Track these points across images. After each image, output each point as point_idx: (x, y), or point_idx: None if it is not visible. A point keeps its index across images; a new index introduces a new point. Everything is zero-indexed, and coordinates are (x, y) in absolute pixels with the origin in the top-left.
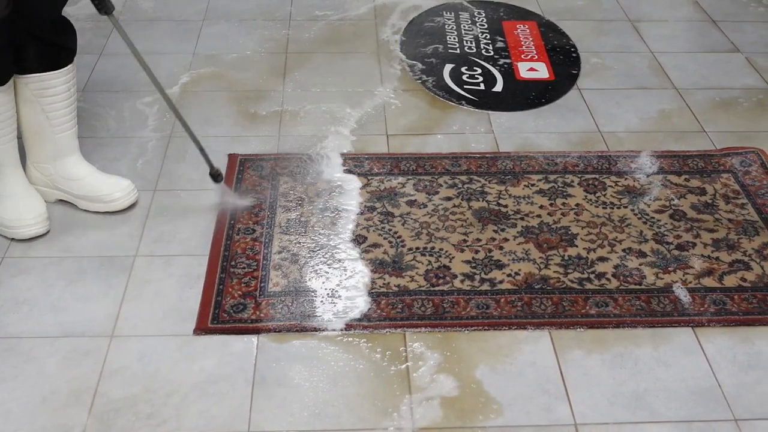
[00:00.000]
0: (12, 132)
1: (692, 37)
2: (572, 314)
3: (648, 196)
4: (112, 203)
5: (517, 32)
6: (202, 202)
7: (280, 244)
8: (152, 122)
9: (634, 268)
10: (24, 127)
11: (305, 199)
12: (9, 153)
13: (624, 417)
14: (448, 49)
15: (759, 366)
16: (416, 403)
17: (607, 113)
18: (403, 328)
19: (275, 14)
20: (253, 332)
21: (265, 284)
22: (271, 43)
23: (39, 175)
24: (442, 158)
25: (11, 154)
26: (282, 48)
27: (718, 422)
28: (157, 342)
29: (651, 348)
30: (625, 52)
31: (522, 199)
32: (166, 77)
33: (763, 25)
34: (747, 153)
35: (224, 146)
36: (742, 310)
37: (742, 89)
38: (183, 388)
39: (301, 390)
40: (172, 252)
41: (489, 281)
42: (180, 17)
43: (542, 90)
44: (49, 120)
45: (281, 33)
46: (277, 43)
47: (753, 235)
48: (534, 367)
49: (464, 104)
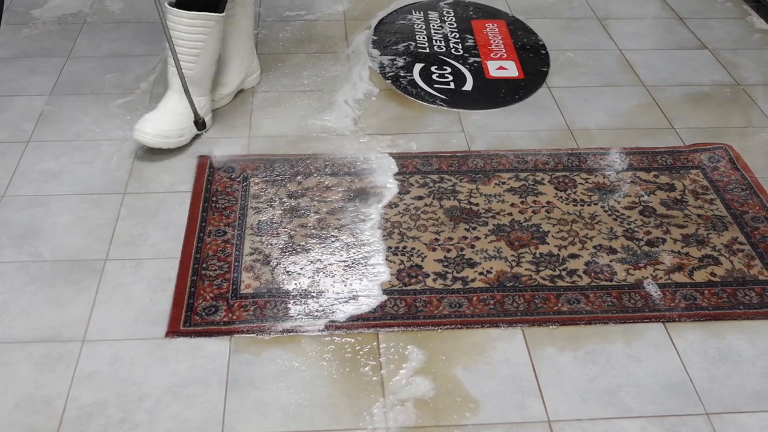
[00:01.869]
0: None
1: (660, 34)
2: (544, 311)
3: (618, 192)
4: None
5: (486, 31)
6: (172, 204)
7: (252, 245)
8: (121, 125)
9: (605, 264)
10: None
11: (276, 200)
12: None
13: (597, 413)
14: (417, 48)
15: (729, 360)
16: (390, 403)
17: (576, 111)
18: (376, 328)
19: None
20: (226, 334)
21: (237, 286)
22: None
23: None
24: (413, 157)
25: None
26: None
27: (689, 416)
28: (129, 346)
29: (623, 344)
30: (594, 50)
31: (493, 197)
32: (134, 79)
33: (729, 21)
34: (715, 149)
35: (194, 148)
36: (712, 305)
37: (710, 85)
38: (155, 391)
39: (275, 392)
40: (142, 255)
41: (461, 280)
42: (148, 19)
43: (512, 88)
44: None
45: None
46: None
47: (722, 230)
48: (507, 365)
49: (434, 103)
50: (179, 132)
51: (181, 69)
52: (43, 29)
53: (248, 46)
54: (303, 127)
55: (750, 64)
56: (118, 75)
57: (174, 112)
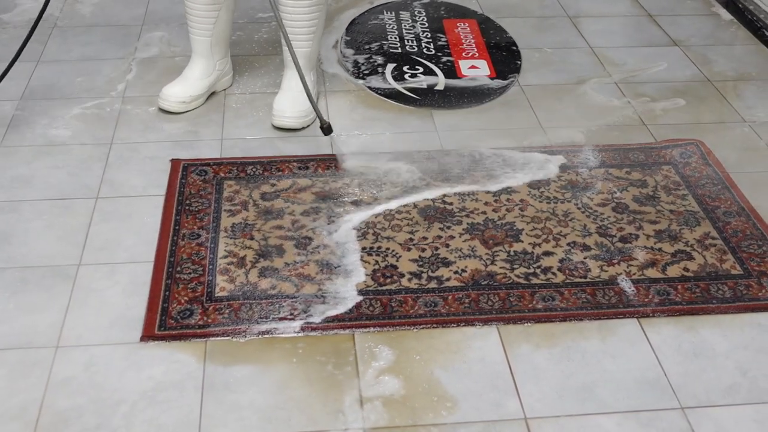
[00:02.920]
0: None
1: (630, 32)
2: (519, 309)
3: (591, 189)
4: None
5: (458, 30)
6: (145, 208)
7: (226, 248)
8: (92, 130)
9: (579, 261)
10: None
11: (250, 202)
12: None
13: (573, 409)
14: (389, 48)
15: (703, 354)
16: (367, 403)
17: (548, 108)
18: (351, 328)
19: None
20: (201, 338)
21: (212, 289)
22: None
23: None
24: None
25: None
26: None
27: (664, 411)
28: (104, 351)
29: (598, 340)
30: (565, 48)
31: (467, 196)
32: (105, 83)
33: (698, 18)
34: (686, 145)
35: (167, 151)
36: (686, 300)
37: (681, 82)
38: (131, 396)
39: (251, 394)
40: (116, 260)
41: (436, 279)
42: (119, 22)
43: (484, 87)
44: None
45: None
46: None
47: (694, 225)
48: (483, 363)
49: (407, 103)
50: (306, 112)
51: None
52: (13, 33)
53: (223, 47)
54: (275, 129)
55: (720, 59)
56: (89, 79)
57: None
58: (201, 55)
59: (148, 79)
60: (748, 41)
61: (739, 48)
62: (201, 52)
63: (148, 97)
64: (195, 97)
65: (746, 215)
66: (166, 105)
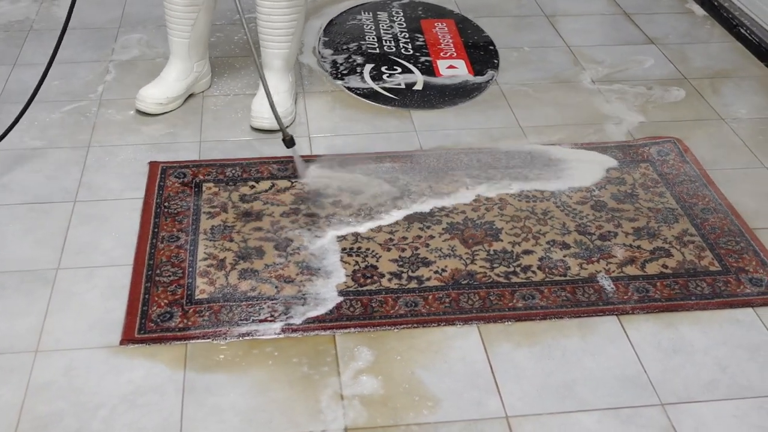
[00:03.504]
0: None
1: (607, 30)
2: (500, 308)
3: (569, 187)
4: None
5: (436, 30)
6: (124, 211)
7: (206, 250)
8: (69, 132)
9: (559, 259)
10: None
11: (229, 204)
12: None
13: (554, 407)
14: (367, 48)
15: (682, 350)
16: (348, 404)
17: (526, 107)
18: (332, 329)
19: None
20: (181, 341)
21: (192, 292)
22: None
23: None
24: (366, 158)
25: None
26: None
27: (644, 407)
28: (84, 355)
29: (578, 338)
30: (543, 47)
31: (446, 195)
32: (82, 86)
33: (674, 16)
34: (664, 142)
35: (145, 154)
36: (665, 297)
37: (657, 80)
38: (111, 400)
39: (232, 396)
40: (95, 263)
41: (416, 279)
42: (95, 25)
43: (462, 87)
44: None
45: None
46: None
47: (672, 222)
48: (464, 362)
49: (385, 104)
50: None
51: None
52: None
53: (201, 50)
54: (254, 131)
55: (696, 57)
56: (65, 82)
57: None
58: (179, 57)
59: (125, 81)
60: (724, 38)
61: (715, 45)
62: (179, 54)
63: (126, 100)
64: (172, 99)
65: (724, 212)
66: (142, 106)
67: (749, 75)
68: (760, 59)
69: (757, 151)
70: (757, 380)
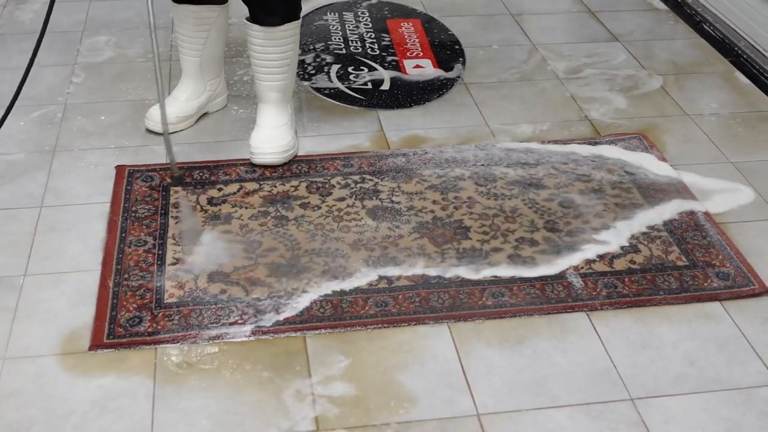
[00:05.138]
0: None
1: (572, 28)
2: (470, 306)
3: (537, 185)
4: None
5: (402, 30)
6: (90, 216)
7: (174, 254)
8: (35, 137)
9: (528, 257)
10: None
11: (198, 207)
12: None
13: (525, 404)
14: (334, 50)
15: (651, 345)
16: (320, 404)
17: (493, 106)
18: (302, 331)
19: (157, 22)
20: (151, 345)
21: (161, 296)
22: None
23: None
24: (334, 159)
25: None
26: (166, 56)
27: (615, 402)
28: (53, 361)
29: (548, 335)
30: (509, 46)
31: (415, 195)
32: (47, 90)
33: (638, 13)
34: (630, 138)
35: (111, 158)
36: (633, 292)
37: (623, 77)
38: (82, 406)
39: (203, 400)
40: (62, 269)
41: (386, 279)
42: (59, 29)
43: (429, 86)
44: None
45: (165, 41)
46: (161, 51)
47: None
48: (435, 361)
49: (353, 104)
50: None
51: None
52: None
53: (215, 68)
54: (220, 133)
55: (661, 53)
56: (30, 86)
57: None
58: (191, 76)
59: (90, 85)
60: (688, 35)
61: (679, 41)
62: (190, 73)
63: (92, 103)
64: (183, 118)
65: (690, 206)
66: (151, 125)
67: (714, 71)
68: (724, 55)
69: (722, 146)
70: (725, 373)
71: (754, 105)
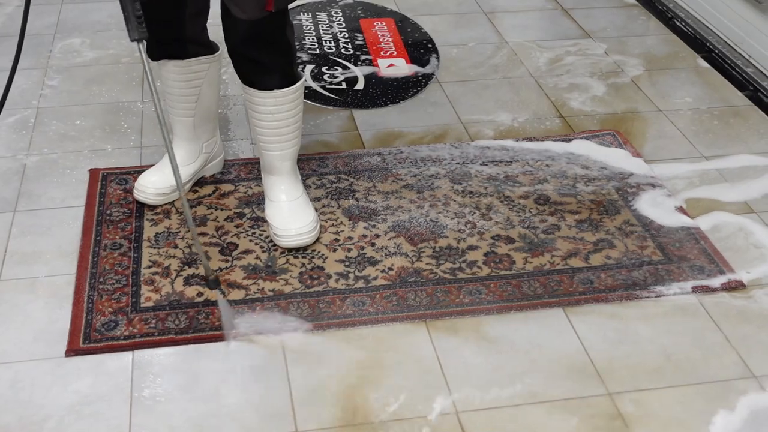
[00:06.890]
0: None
1: (545, 25)
2: (447, 304)
3: (513, 182)
4: None
5: (375, 29)
6: (65, 220)
7: (150, 258)
8: (7, 141)
9: (504, 254)
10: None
11: (172, 210)
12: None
13: (503, 401)
14: (307, 50)
15: (627, 340)
16: (300, 406)
17: (468, 104)
18: (280, 332)
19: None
20: (128, 349)
21: (137, 299)
22: (128, 54)
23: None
24: (309, 159)
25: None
26: (138, 59)
27: (592, 397)
28: (29, 367)
29: (525, 331)
30: (482, 44)
31: (390, 194)
32: (19, 94)
33: (611, 11)
34: (604, 135)
35: (85, 161)
36: (609, 287)
37: (596, 73)
38: (59, 412)
39: (181, 404)
40: (37, 273)
41: (363, 278)
42: (31, 32)
43: (403, 85)
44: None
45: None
46: (134, 53)
47: (614, 213)
48: (413, 360)
49: (327, 104)
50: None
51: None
52: None
53: (210, 127)
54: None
55: (633, 50)
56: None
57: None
58: (184, 139)
59: (63, 88)
60: (660, 31)
61: (652, 38)
62: (183, 135)
63: (65, 107)
64: (176, 188)
65: None
66: (142, 197)
67: (686, 66)
68: (696, 50)
69: (695, 141)
70: (701, 367)
71: (726, 99)
